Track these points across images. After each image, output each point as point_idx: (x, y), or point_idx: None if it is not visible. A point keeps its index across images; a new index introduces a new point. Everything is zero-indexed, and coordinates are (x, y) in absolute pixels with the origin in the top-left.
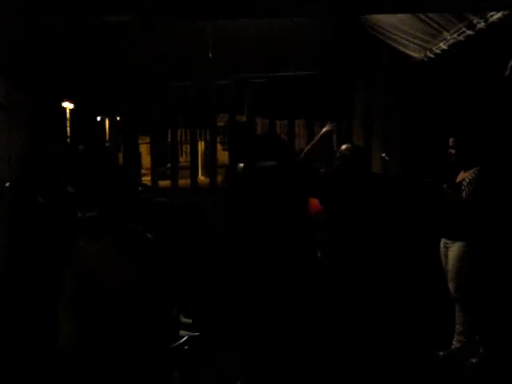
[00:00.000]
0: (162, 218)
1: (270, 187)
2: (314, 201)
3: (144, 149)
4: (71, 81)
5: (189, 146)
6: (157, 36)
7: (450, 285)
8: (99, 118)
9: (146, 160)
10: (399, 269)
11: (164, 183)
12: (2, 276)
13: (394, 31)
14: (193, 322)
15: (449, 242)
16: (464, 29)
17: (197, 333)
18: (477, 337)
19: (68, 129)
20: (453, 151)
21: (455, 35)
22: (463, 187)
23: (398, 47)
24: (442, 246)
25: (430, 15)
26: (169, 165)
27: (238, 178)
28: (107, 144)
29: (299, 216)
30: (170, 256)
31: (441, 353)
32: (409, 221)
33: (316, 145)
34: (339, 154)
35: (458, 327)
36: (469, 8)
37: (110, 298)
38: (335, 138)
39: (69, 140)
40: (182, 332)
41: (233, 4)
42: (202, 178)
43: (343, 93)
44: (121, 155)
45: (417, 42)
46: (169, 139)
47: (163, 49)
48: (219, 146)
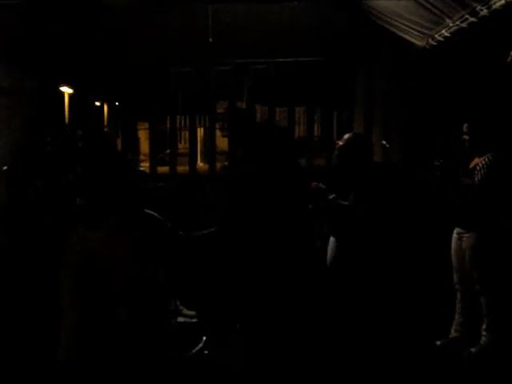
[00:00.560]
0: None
1: (269, 175)
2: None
3: (142, 135)
4: (71, 66)
5: (188, 133)
6: (157, 22)
7: (468, 273)
8: (98, 103)
9: (144, 146)
10: (400, 256)
11: (163, 169)
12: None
13: (396, 18)
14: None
15: (463, 231)
16: (467, 16)
17: (195, 319)
18: (484, 326)
19: (66, 114)
20: (466, 137)
21: (458, 22)
22: (476, 172)
23: (400, 34)
24: (455, 235)
25: (433, 2)
26: (167, 151)
27: (238, 165)
28: (106, 129)
29: (297, 203)
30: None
31: (438, 342)
32: (410, 209)
33: None
34: (342, 143)
35: (458, 317)
36: None
37: (110, 286)
38: (336, 125)
39: (67, 125)
40: (180, 319)
41: None
42: (200, 164)
43: (344, 80)
44: (119, 141)
45: (419, 28)
46: (168, 125)
47: (163, 34)
48: (218, 133)
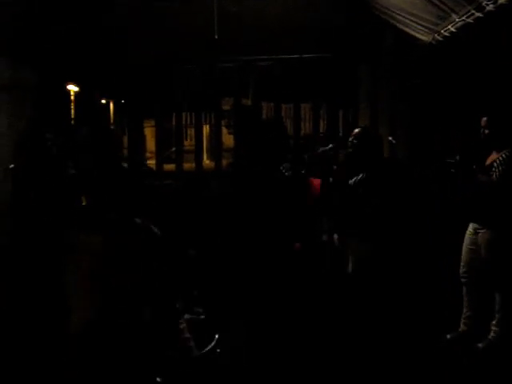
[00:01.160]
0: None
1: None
2: (316, 185)
3: (148, 132)
4: (75, 64)
5: (193, 130)
6: (162, 19)
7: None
8: (104, 101)
9: (150, 143)
10: (407, 250)
11: (169, 167)
12: (5, 259)
13: (401, 13)
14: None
15: (479, 227)
16: (473, 11)
17: (202, 316)
18: (494, 321)
19: (72, 111)
20: (486, 131)
21: (464, 17)
22: (494, 169)
23: (406, 30)
24: (470, 230)
25: None
26: (173, 148)
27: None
28: (112, 127)
29: (300, 199)
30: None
31: (448, 335)
32: (412, 207)
33: None
34: (352, 138)
35: (465, 311)
36: None
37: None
38: (341, 122)
39: (73, 122)
40: (186, 316)
41: None
42: (206, 161)
43: (349, 76)
44: (125, 138)
45: (425, 24)
46: (173, 123)
47: (168, 31)
48: (224, 130)
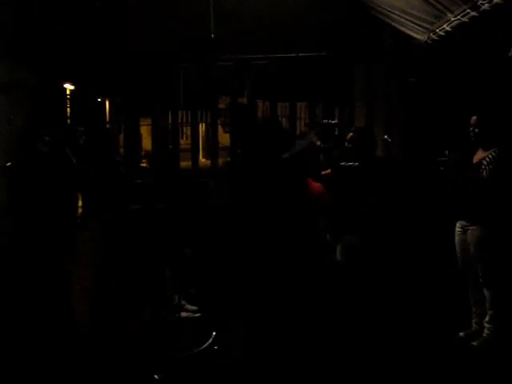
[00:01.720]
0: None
1: (270, 170)
2: (315, 185)
3: (144, 131)
4: (73, 61)
5: (189, 128)
6: (158, 18)
7: (473, 267)
8: (100, 100)
9: (146, 142)
10: (407, 249)
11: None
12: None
13: (397, 12)
14: (197, 307)
15: (467, 224)
16: (468, 10)
17: (198, 314)
18: (486, 318)
19: (68, 110)
20: (476, 130)
21: (459, 16)
22: (483, 167)
23: (401, 29)
24: (459, 228)
25: None
26: (170, 146)
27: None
28: (108, 126)
29: (297, 198)
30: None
31: (461, 333)
32: (410, 205)
33: None
34: (349, 138)
35: (475, 309)
36: None
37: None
38: (338, 121)
39: (69, 121)
40: (183, 314)
41: None
42: (202, 160)
43: (345, 75)
44: (121, 137)
45: (420, 23)
46: (169, 121)
47: (165, 30)
48: (220, 128)
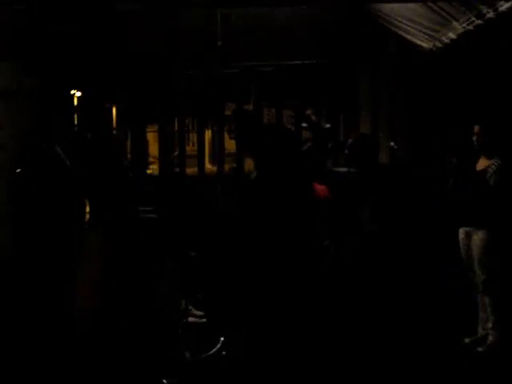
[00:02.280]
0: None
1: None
2: (320, 188)
3: (151, 137)
4: (79, 68)
5: (195, 135)
6: (165, 25)
7: (476, 273)
8: (107, 106)
9: (153, 148)
10: (407, 250)
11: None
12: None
13: (403, 20)
14: (204, 312)
15: (471, 230)
16: (473, 18)
17: (204, 319)
18: (489, 324)
19: (76, 116)
20: (479, 138)
21: (465, 25)
22: (489, 174)
23: (407, 37)
24: (462, 234)
25: (441, 5)
26: (176, 153)
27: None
28: (115, 132)
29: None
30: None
31: (467, 339)
32: (413, 209)
33: None
34: (349, 144)
35: (482, 314)
36: None
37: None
38: (342, 127)
39: (76, 128)
40: (190, 319)
41: None
42: (208, 166)
43: (349, 82)
44: (128, 143)
45: (425, 31)
46: (176, 127)
47: (171, 37)
48: (225, 135)
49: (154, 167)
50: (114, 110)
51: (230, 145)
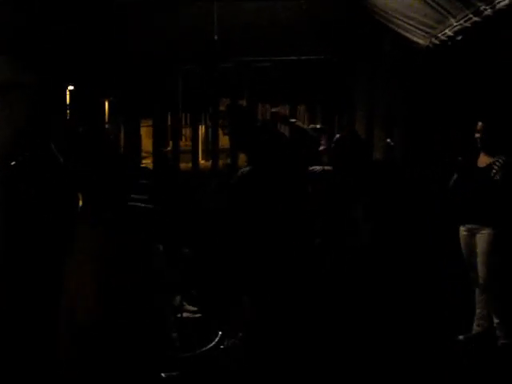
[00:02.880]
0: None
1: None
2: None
3: (143, 132)
4: (73, 61)
5: (189, 130)
6: (161, 18)
7: (479, 270)
8: (99, 100)
9: (146, 143)
10: (407, 249)
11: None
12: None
13: (400, 16)
14: (197, 308)
15: (475, 227)
16: (471, 15)
17: (199, 315)
18: (497, 321)
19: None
20: (482, 136)
21: (462, 21)
22: (494, 171)
23: (403, 33)
24: (464, 231)
25: (438, 1)
26: (169, 148)
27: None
28: (107, 126)
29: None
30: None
31: (461, 337)
32: (410, 208)
33: None
34: (335, 141)
35: (479, 311)
36: None
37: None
38: (337, 124)
39: (68, 122)
40: (184, 314)
41: None
42: (202, 161)
43: (346, 78)
44: (121, 138)
45: (423, 27)
46: (169, 122)
47: (166, 31)
48: (219, 131)
49: (147, 162)
50: (106, 104)
51: (224, 140)
